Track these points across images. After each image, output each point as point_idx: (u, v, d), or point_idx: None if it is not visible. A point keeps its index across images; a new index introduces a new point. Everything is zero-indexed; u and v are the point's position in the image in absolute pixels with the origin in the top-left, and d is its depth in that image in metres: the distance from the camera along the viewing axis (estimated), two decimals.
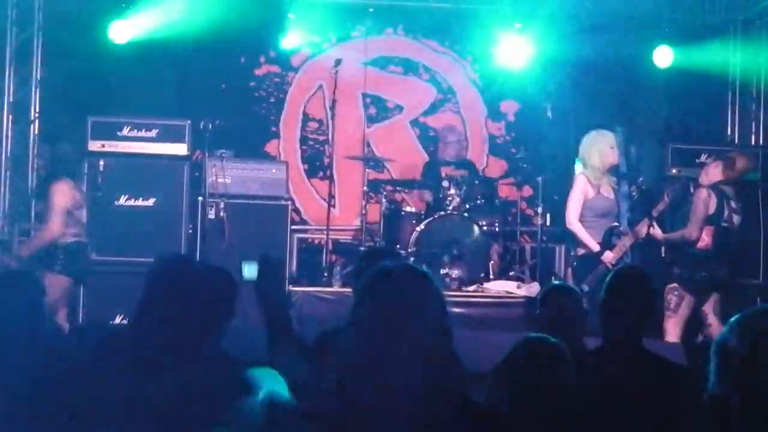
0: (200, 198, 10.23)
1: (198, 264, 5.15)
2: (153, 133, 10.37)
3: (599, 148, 9.07)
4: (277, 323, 3.67)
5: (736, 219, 9.07)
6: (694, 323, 9.04)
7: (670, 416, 4.10)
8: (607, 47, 11.69)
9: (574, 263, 9.08)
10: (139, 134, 10.35)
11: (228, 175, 10.27)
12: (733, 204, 8.99)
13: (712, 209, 8.82)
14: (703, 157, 10.69)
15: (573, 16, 11.63)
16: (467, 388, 2.76)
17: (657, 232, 9.06)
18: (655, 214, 8.98)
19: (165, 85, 12.02)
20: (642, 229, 9.00)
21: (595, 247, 8.89)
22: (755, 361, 2.08)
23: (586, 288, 8.52)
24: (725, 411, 2.09)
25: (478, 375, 3.27)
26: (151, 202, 10.23)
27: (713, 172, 8.94)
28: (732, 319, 2.22)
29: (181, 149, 10.39)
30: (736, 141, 11.84)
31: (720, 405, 2.08)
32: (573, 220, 8.99)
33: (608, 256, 8.84)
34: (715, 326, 8.70)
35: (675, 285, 8.90)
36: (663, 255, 9.26)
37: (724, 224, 8.93)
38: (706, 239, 8.88)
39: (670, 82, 12.04)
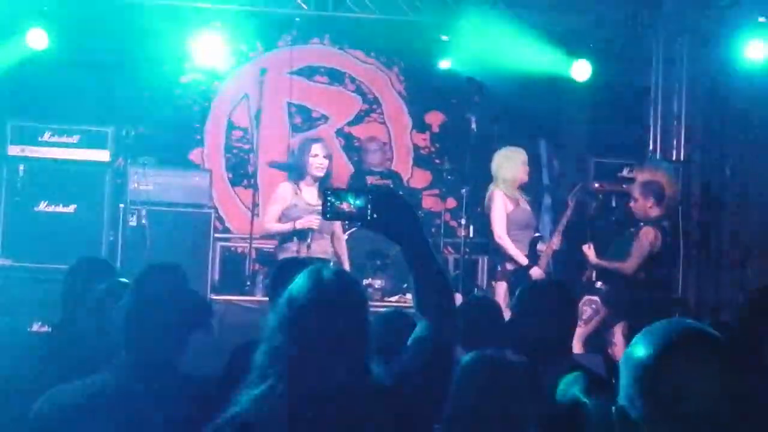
0: (122, 205, 10.12)
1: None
2: (75, 139, 10.26)
3: (511, 165, 9.15)
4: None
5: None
6: (598, 338, 9.10)
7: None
8: (531, 60, 11.79)
9: (510, 278, 9.08)
10: (61, 140, 10.23)
11: (150, 182, 10.17)
12: (668, 239, 9.13)
13: (656, 248, 8.94)
14: (625, 171, 10.81)
15: (497, 28, 11.71)
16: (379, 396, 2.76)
17: (591, 254, 9.09)
18: (565, 221, 9.09)
19: (88, 91, 11.86)
20: (554, 239, 9.10)
21: (524, 261, 8.93)
22: (661, 373, 2.11)
23: None
24: (628, 422, 2.10)
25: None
26: (71, 208, 10.10)
27: (651, 208, 9.00)
28: (642, 330, 2.24)
29: (103, 156, 10.28)
30: (658, 155, 11.99)
31: (624, 416, 2.10)
32: (502, 234, 9.00)
33: (536, 272, 8.88)
34: (620, 347, 8.77)
35: (595, 298, 8.97)
36: (588, 278, 9.30)
37: (660, 257, 9.07)
38: (641, 272, 9.00)
39: (593, 95, 12.17)
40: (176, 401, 3.41)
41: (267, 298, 9.69)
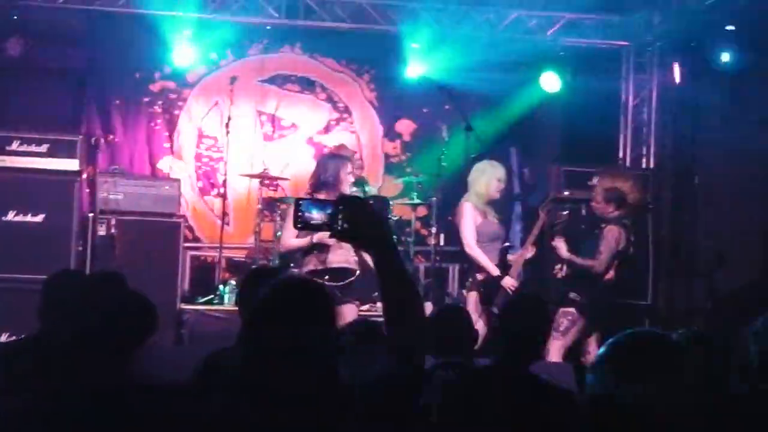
0: (91, 214, 10.06)
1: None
2: (43, 148, 10.16)
3: (487, 180, 9.16)
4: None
5: (632, 250, 9.27)
6: (576, 350, 9.12)
7: None
8: (502, 69, 11.83)
9: (481, 288, 9.08)
10: (29, 149, 10.14)
11: (120, 191, 10.13)
12: (631, 237, 9.17)
13: (621, 245, 8.97)
14: (595, 180, 10.86)
15: (467, 37, 11.75)
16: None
17: (562, 247, 9.11)
18: (536, 231, 9.10)
19: (58, 100, 11.82)
20: (526, 250, 9.12)
21: (495, 271, 8.93)
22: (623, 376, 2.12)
23: (496, 310, 8.55)
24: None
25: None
26: (40, 218, 10.01)
27: (612, 212, 9.04)
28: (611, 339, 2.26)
29: (72, 165, 10.19)
30: (628, 164, 12.04)
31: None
32: (472, 245, 9.00)
33: (508, 282, 8.89)
34: (593, 355, 8.78)
35: (571, 310, 8.97)
36: (556, 273, 9.31)
37: (626, 256, 9.10)
38: (611, 272, 9.02)
39: (565, 105, 12.21)
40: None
41: (237, 308, 9.71)
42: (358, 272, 8.19)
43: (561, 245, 9.11)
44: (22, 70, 11.00)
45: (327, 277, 7.95)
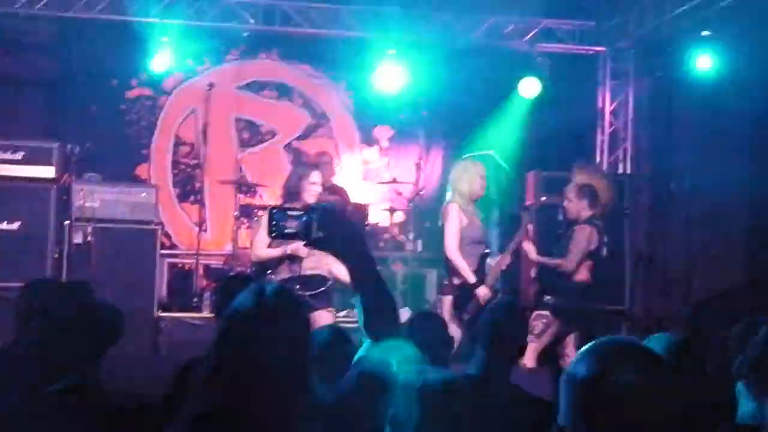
0: (67, 222, 10.01)
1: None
2: (19, 155, 10.08)
3: (469, 178, 9.07)
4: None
5: (605, 251, 9.28)
6: (552, 351, 9.13)
7: None
8: (478, 75, 11.85)
9: (456, 293, 9.04)
10: (5, 156, 10.06)
11: (96, 198, 10.06)
12: (604, 237, 9.18)
13: (593, 245, 8.97)
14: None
15: (444, 43, 11.78)
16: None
17: (531, 250, 9.12)
18: (518, 240, 9.06)
19: (33, 107, 11.78)
20: (504, 260, 9.06)
21: (472, 279, 8.87)
22: (601, 392, 2.11)
23: (466, 317, 8.53)
24: None
25: None
26: (15, 225, 9.94)
27: (582, 210, 9.05)
28: (582, 349, 2.25)
29: (48, 172, 10.12)
30: (605, 168, 12.07)
31: None
32: (455, 249, 8.90)
33: (482, 292, 8.79)
34: (572, 359, 8.79)
35: (545, 312, 8.99)
36: (533, 278, 9.33)
37: (600, 258, 9.11)
38: (584, 273, 9.01)
39: (542, 109, 12.23)
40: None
41: (214, 315, 9.69)
42: (330, 281, 8.13)
43: (530, 248, 9.14)
44: None
45: (298, 285, 7.89)
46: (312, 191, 8.13)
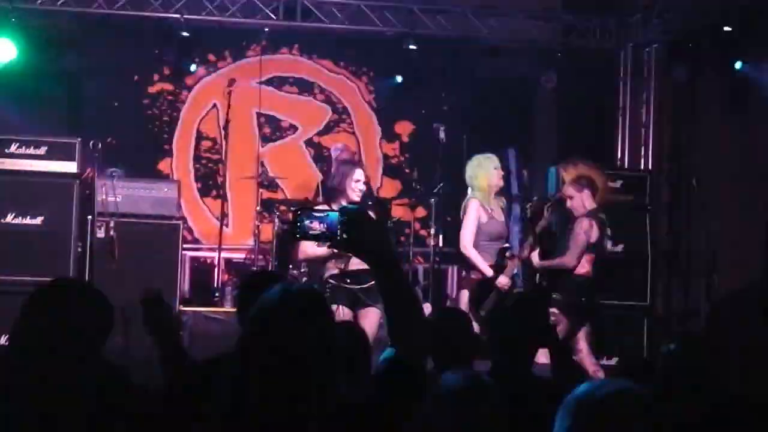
0: (90, 217, 10.05)
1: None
2: (42, 150, 10.12)
3: (485, 172, 9.07)
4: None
5: (609, 244, 9.26)
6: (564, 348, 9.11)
7: None
8: (501, 71, 11.85)
9: (474, 288, 9.04)
10: (28, 151, 10.10)
11: (119, 193, 10.10)
12: (608, 230, 9.13)
13: (594, 238, 8.90)
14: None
15: (469, 39, 11.78)
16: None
17: (534, 259, 9.09)
18: (537, 230, 9.05)
19: (56, 102, 11.83)
20: (525, 250, 9.06)
21: (489, 272, 8.87)
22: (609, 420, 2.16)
23: (483, 313, 8.54)
24: None
25: None
26: (39, 220, 9.99)
27: (587, 200, 9.01)
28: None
29: (70, 167, 10.15)
30: (626, 165, 12.04)
31: None
32: (468, 245, 8.94)
33: (502, 281, 8.83)
34: (584, 352, 8.77)
35: (554, 310, 8.96)
36: (538, 281, 9.30)
37: (602, 251, 9.07)
38: (586, 266, 8.96)
39: (562, 105, 12.21)
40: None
41: (236, 309, 9.72)
42: None
43: (533, 257, 9.08)
44: (19, 73, 10.99)
45: (348, 280, 7.86)
46: (356, 189, 8.10)
